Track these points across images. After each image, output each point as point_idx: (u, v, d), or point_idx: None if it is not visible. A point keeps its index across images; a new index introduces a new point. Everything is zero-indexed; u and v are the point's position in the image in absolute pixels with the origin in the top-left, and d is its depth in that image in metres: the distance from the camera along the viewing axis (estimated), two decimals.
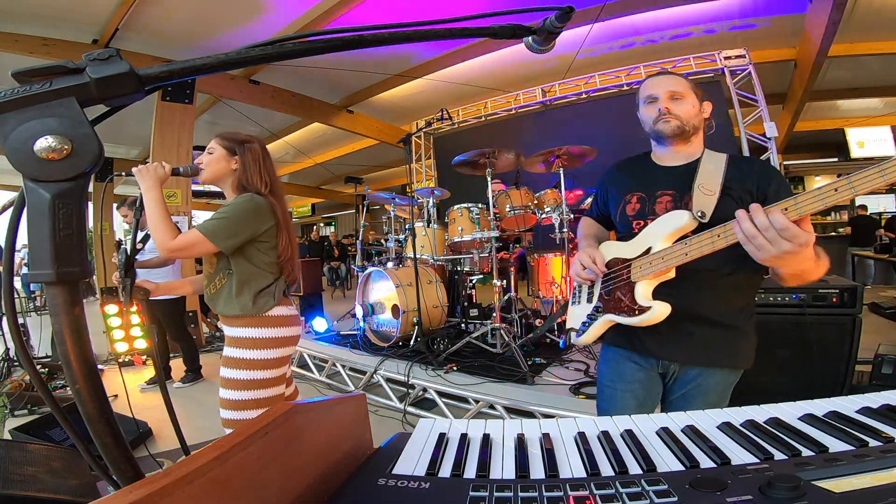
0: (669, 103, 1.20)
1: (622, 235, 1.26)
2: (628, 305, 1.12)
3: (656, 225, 1.14)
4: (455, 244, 3.78)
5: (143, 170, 1.42)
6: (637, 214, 1.23)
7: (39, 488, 1.40)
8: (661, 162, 1.27)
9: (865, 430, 0.46)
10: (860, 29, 4.94)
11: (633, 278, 1.12)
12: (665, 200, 1.19)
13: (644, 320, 1.08)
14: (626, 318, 1.12)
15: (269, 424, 0.39)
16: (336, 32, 0.46)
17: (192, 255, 1.49)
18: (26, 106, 0.35)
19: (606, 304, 1.19)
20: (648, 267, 1.10)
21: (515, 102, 6.92)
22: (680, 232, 1.09)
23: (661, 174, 1.24)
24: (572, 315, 1.31)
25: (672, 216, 1.12)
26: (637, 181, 1.27)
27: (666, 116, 1.19)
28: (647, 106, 1.24)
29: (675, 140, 1.21)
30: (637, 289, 1.12)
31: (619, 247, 1.22)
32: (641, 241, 1.15)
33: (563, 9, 0.53)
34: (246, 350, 1.44)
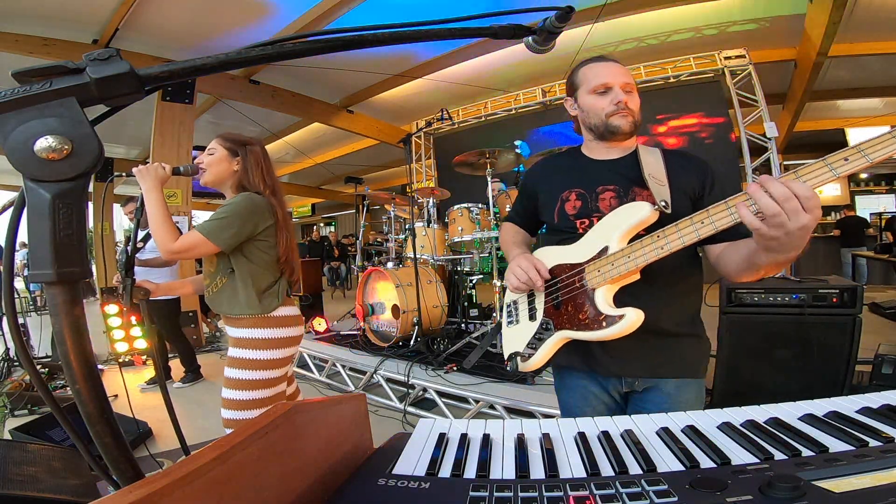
0: (626, 96, 1.09)
1: (563, 238, 1.11)
2: (590, 317, 0.95)
3: (608, 221, 1.02)
4: (455, 244, 3.79)
5: (143, 170, 1.42)
6: (579, 213, 1.10)
7: (39, 488, 1.39)
8: (595, 156, 1.16)
9: (865, 430, 0.46)
10: (860, 29, 4.94)
11: (592, 284, 0.97)
12: (608, 196, 1.08)
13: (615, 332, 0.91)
14: (591, 333, 0.94)
15: (269, 424, 0.39)
16: (336, 32, 0.46)
17: (194, 256, 1.50)
18: (26, 106, 0.35)
19: (558, 320, 1.01)
20: (610, 269, 0.95)
21: (515, 102, 6.93)
22: (640, 226, 0.97)
23: (598, 169, 1.13)
24: (510, 338, 1.13)
25: (631, 208, 1.00)
26: (572, 178, 1.15)
27: (625, 111, 1.08)
28: (597, 96, 1.11)
29: (623, 137, 1.11)
30: (597, 296, 0.96)
31: (561, 251, 1.07)
32: (592, 241, 1.02)
33: (563, 9, 0.53)
34: (251, 350, 1.45)
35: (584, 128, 1.18)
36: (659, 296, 1.02)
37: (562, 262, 1.06)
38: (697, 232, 0.85)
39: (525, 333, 1.08)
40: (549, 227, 1.20)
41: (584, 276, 0.99)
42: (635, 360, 1.05)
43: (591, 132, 1.15)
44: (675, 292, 1.06)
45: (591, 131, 1.15)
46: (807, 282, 2.22)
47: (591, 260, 0.99)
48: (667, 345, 1.05)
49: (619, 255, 0.94)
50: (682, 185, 1.05)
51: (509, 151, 3.56)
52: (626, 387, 1.09)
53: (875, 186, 9.76)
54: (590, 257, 1.00)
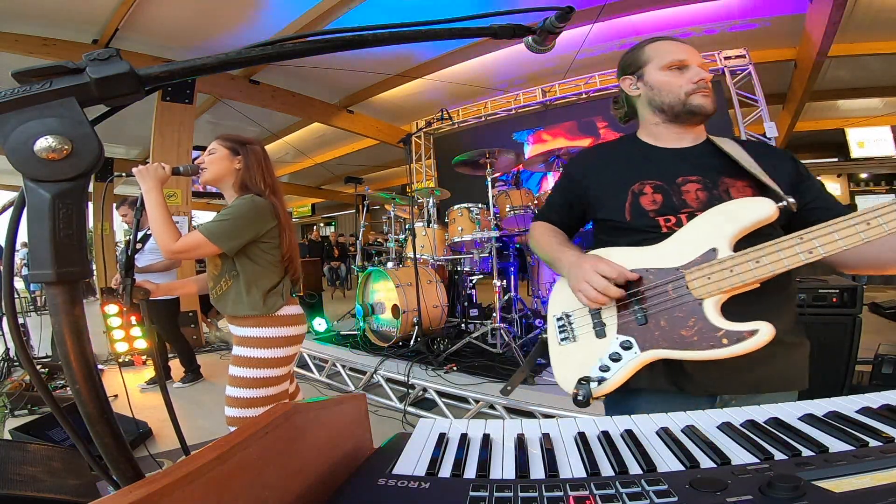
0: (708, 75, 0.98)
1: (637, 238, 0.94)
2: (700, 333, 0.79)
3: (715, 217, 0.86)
4: (455, 244, 3.79)
5: (143, 171, 1.42)
6: (662, 208, 0.93)
7: (39, 488, 1.40)
8: (663, 144, 1.02)
9: (865, 430, 0.46)
10: (860, 29, 4.94)
11: (699, 294, 0.81)
12: (692, 189, 0.93)
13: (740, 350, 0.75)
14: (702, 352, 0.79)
15: (269, 424, 0.39)
16: (336, 32, 0.46)
17: (195, 256, 1.51)
18: (26, 106, 0.35)
19: (643, 337, 0.85)
20: (728, 276, 0.79)
21: (515, 102, 6.93)
22: (755, 226, 0.83)
23: (670, 157, 0.99)
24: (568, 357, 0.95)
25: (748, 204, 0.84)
26: (641, 168, 0.99)
27: (706, 90, 0.96)
28: (672, 72, 0.99)
29: (701, 120, 0.99)
30: (707, 309, 0.80)
31: (637, 253, 0.91)
32: (690, 242, 0.86)
33: (563, 9, 0.53)
34: (256, 349, 1.46)
35: (650, 109, 1.04)
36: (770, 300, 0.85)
37: (642, 267, 0.88)
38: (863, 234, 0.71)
39: (591, 353, 0.91)
40: (612, 227, 1.00)
41: (683, 284, 0.83)
42: (739, 374, 0.86)
43: (663, 113, 1.01)
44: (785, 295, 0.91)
45: (663, 112, 1.01)
46: (807, 282, 2.22)
47: (693, 264, 0.83)
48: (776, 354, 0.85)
49: (739, 259, 0.79)
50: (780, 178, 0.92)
51: (509, 151, 3.56)
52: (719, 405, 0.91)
53: (875, 186, 9.76)
54: (688, 261, 0.84)
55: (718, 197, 0.92)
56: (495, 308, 3.27)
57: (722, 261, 0.81)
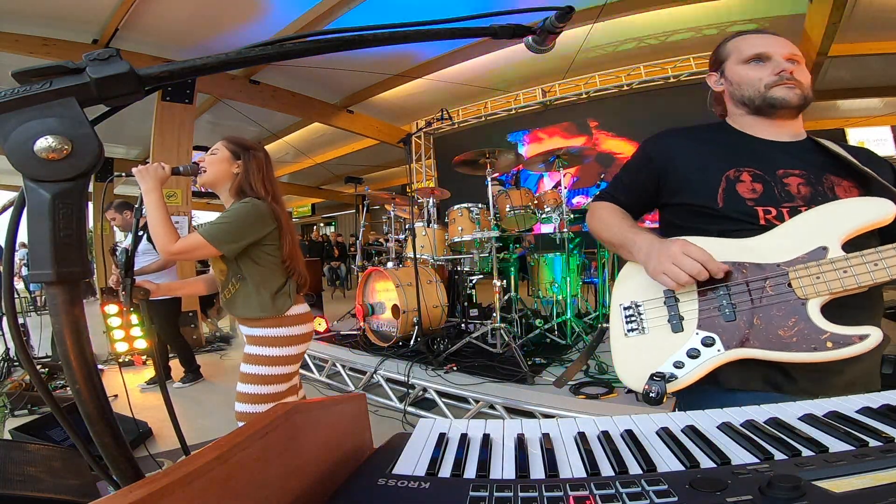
0: (792, 67, 0.93)
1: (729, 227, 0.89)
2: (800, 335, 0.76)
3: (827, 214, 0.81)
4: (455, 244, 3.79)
5: (143, 171, 1.42)
6: (762, 198, 0.88)
7: (39, 488, 1.39)
8: (760, 134, 0.97)
9: (865, 430, 0.46)
10: (860, 29, 4.94)
11: (803, 293, 0.77)
12: (794, 182, 0.88)
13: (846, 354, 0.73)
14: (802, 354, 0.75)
15: (269, 424, 0.39)
16: (336, 32, 0.46)
17: (194, 258, 1.52)
18: (26, 106, 0.35)
19: (731, 334, 0.81)
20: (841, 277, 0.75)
21: (515, 102, 6.94)
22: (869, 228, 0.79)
23: (770, 148, 0.94)
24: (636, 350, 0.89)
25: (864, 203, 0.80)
26: (738, 154, 0.94)
27: (791, 81, 0.92)
28: (751, 66, 0.96)
29: (788, 113, 0.95)
30: (811, 309, 0.76)
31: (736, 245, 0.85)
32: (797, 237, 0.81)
33: (563, 9, 0.53)
34: (268, 348, 1.50)
35: (733, 103, 1.01)
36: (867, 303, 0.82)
37: (736, 260, 0.84)
38: None
39: (664, 347, 0.85)
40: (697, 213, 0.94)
41: (786, 282, 0.79)
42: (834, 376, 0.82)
43: (745, 106, 0.98)
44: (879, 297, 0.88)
45: (745, 105, 0.98)
46: None
47: (799, 261, 0.79)
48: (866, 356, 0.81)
49: (855, 260, 0.75)
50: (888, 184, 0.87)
51: (509, 151, 3.56)
52: None
53: None
54: (794, 257, 0.80)
55: (823, 193, 0.87)
56: (495, 308, 3.27)
57: (834, 261, 0.76)
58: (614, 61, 6.08)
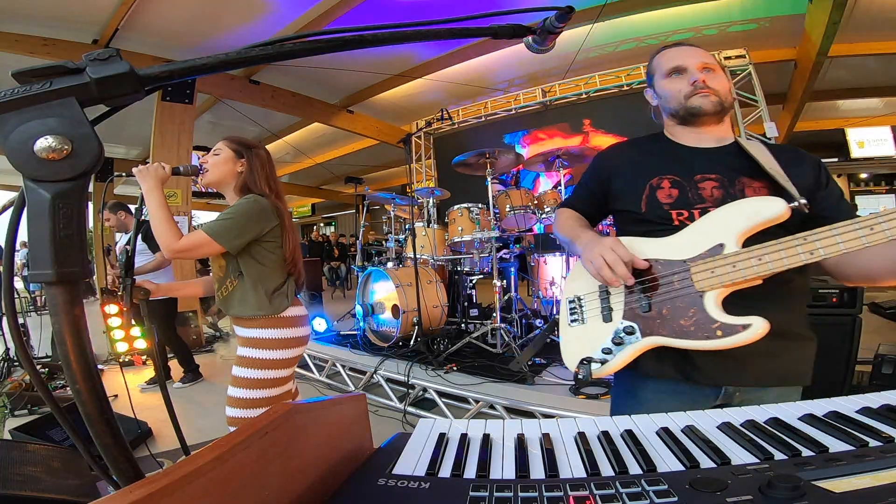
0: (704, 75, 1.01)
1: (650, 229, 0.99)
2: (697, 324, 0.84)
3: (727, 214, 0.89)
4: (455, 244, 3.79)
5: (143, 171, 1.42)
6: (677, 202, 0.97)
7: (39, 488, 1.40)
8: (686, 142, 1.06)
9: (865, 430, 0.46)
10: (860, 29, 4.94)
11: (701, 286, 0.84)
12: (709, 186, 0.96)
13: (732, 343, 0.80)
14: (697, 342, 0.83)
15: (268, 424, 0.39)
16: (336, 32, 0.46)
17: (198, 255, 1.51)
18: (26, 106, 0.35)
19: (646, 324, 0.89)
20: (730, 272, 0.82)
21: (515, 102, 6.93)
22: (765, 225, 0.85)
23: (693, 155, 1.02)
24: (574, 340, 1.00)
25: (760, 202, 0.87)
26: (662, 163, 1.03)
27: (704, 90, 1.00)
28: (671, 79, 1.04)
29: (709, 119, 1.02)
30: (707, 301, 0.84)
31: (652, 244, 0.94)
32: (700, 236, 0.89)
33: (563, 9, 0.53)
34: (261, 350, 1.47)
35: (665, 115, 1.11)
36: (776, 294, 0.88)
37: (651, 257, 0.92)
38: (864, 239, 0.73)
39: (596, 336, 0.95)
40: (629, 218, 1.05)
41: (688, 277, 0.87)
42: (746, 366, 0.89)
43: (674, 118, 1.08)
44: (794, 289, 0.93)
45: (674, 117, 1.07)
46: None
47: (700, 258, 0.87)
48: (781, 350, 0.90)
49: (743, 255, 0.82)
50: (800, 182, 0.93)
51: (509, 151, 3.56)
52: (722, 398, 0.93)
53: (875, 187, 9.76)
54: (696, 254, 0.88)
55: (734, 195, 0.94)
56: (495, 308, 3.27)
57: (726, 256, 0.84)
58: (614, 61, 6.07)
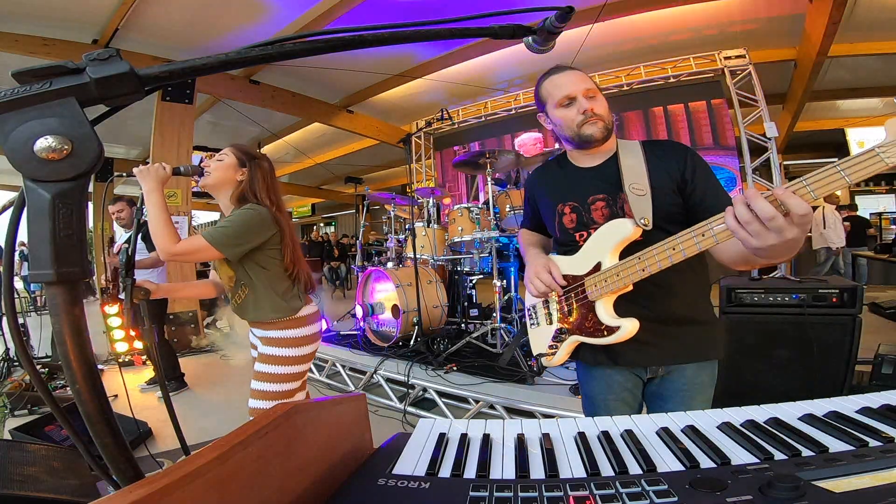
0: (591, 103, 1.10)
1: (566, 249, 1.17)
2: (594, 325, 1.05)
3: (598, 237, 1.07)
4: (455, 244, 3.78)
5: (144, 171, 1.42)
6: (577, 226, 1.15)
7: (39, 488, 1.39)
8: (581, 164, 1.20)
9: (865, 430, 0.46)
10: (860, 29, 4.94)
11: (592, 297, 1.05)
12: (599, 206, 1.12)
13: (614, 340, 1.02)
14: (595, 339, 1.06)
15: (268, 424, 0.39)
16: (336, 32, 0.46)
17: (194, 259, 1.53)
18: (26, 106, 0.35)
19: (569, 325, 1.12)
20: (604, 285, 1.02)
21: (515, 102, 6.93)
22: (625, 242, 1.03)
23: (585, 178, 1.17)
24: (535, 338, 1.24)
25: (613, 226, 1.05)
26: (565, 190, 1.19)
27: (593, 118, 1.10)
28: (563, 109, 1.12)
29: (598, 143, 1.13)
30: (598, 308, 1.05)
31: (567, 262, 1.13)
32: (588, 256, 1.08)
33: (563, 9, 0.53)
34: (283, 348, 1.53)
35: (561, 139, 1.21)
36: (666, 289, 1.07)
37: (568, 273, 1.12)
38: (671, 258, 0.90)
39: (546, 335, 1.18)
40: (553, 238, 1.25)
41: (584, 289, 1.07)
42: (654, 349, 1.10)
43: (570, 143, 1.18)
44: (681, 282, 1.09)
45: (570, 142, 1.18)
46: (807, 282, 2.21)
47: (589, 274, 1.07)
48: (682, 332, 1.10)
49: (610, 272, 1.02)
50: (664, 185, 1.08)
51: (509, 151, 3.56)
52: (650, 373, 1.14)
53: (875, 186, 9.77)
54: (586, 271, 1.08)
55: (617, 213, 1.09)
56: (495, 308, 3.27)
57: (602, 272, 1.04)
58: (614, 61, 6.08)
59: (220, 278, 1.63)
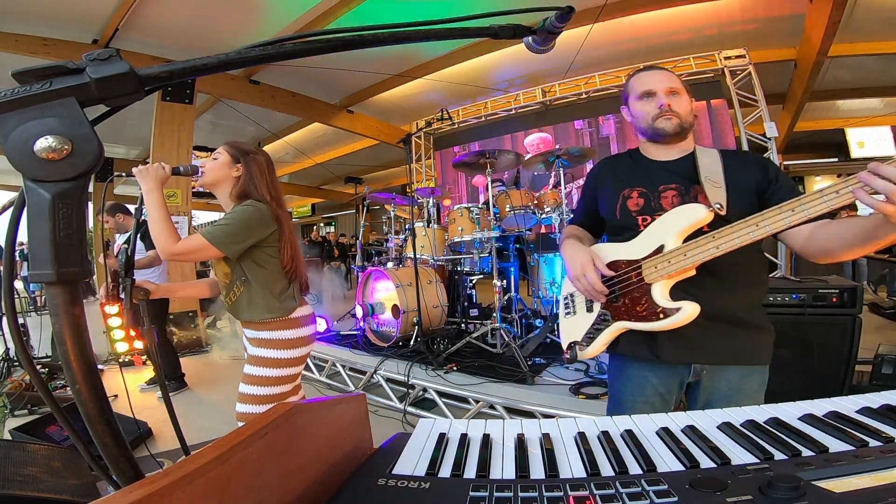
0: (670, 99, 1.15)
1: (624, 234, 1.17)
2: (648, 310, 1.03)
3: (665, 220, 1.07)
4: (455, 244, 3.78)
5: (143, 171, 1.42)
6: (642, 210, 1.16)
7: (39, 488, 1.39)
8: (654, 157, 1.23)
9: (865, 430, 0.46)
10: (860, 29, 4.94)
11: (648, 279, 1.04)
12: (670, 195, 1.14)
13: (671, 323, 0.99)
14: (648, 324, 1.03)
15: (269, 424, 0.39)
16: (336, 32, 0.46)
17: (195, 259, 1.52)
18: (26, 106, 0.35)
19: (615, 312, 1.10)
20: (667, 266, 1.01)
21: (515, 102, 6.92)
22: (695, 226, 1.03)
23: (658, 169, 1.19)
24: (568, 328, 1.23)
25: (686, 210, 1.05)
26: (634, 176, 1.21)
27: (668, 113, 1.15)
28: (642, 101, 1.19)
29: (672, 138, 1.18)
30: (654, 291, 1.03)
31: (618, 248, 1.15)
32: (649, 239, 1.08)
33: (563, 9, 0.53)
34: (273, 350, 1.50)
35: (637, 132, 1.26)
36: (725, 286, 1.07)
37: (619, 259, 1.12)
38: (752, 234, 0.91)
39: (583, 324, 1.17)
40: (610, 225, 1.25)
41: (641, 272, 1.06)
42: (703, 346, 1.08)
43: (644, 135, 1.24)
44: (741, 282, 1.09)
45: (644, 134, 1.23)
46: (807, 282, 2.21)
47: (648, 257, 1.06)
48: (735, 332, 1.08)
49: (675, 252, 1.01)
50: (741, 184, 1.09)
51: (509, 151, 3.56)
52: (693, 375, 1.12)
53: None
54: (646, 254, 1.07)
55: (690, 202, 1.10)
56: (495, 308, 3.27)
57: (664, 254, 1.04)
58: (614, 61, 6.07)
59: (216, 276, 1.62)
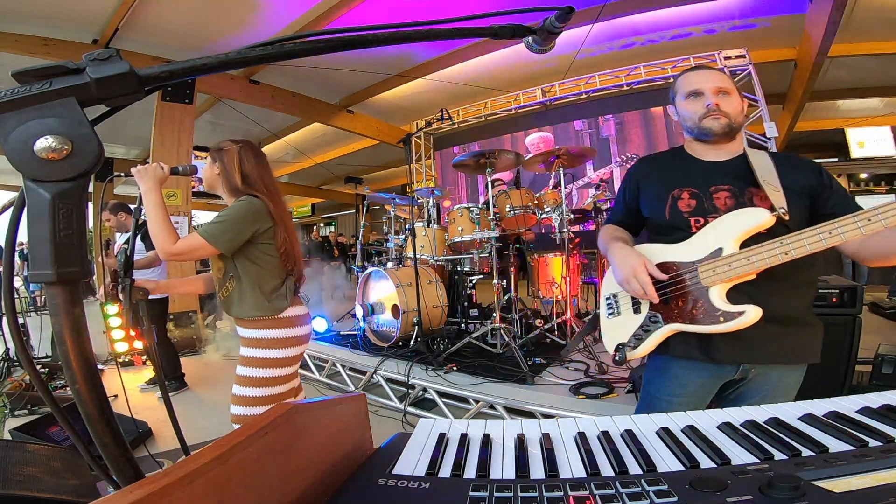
0: (718, 99, 1.13)
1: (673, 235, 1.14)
2: (705, 312, 1.01)
3: (723, 223, 1.04)
4: (455, 244, 3.78)
5: (142, 171, 1.42)
6: (694, 211, 1.12)
7: (39, 488, 1.39)
8: (702, 156, 1.19)
9: (865, 430, 0.46)
10: (860, 29, 4.94)
11: (707, 283, 1.02)
12: (723, 196, 1.10)
13: (732, 327, 0.98)
14: (706, 326, 1.01)
15: (269, 424, 0.39)
16: (336, 32, 0.46)
17: (194, 258, 1.52)
18: (26, 106, 0.35)
19: (667, 313, 1.08)
20: (727, 270, 0.99)
21: (515, 102, 6.92)
22: (756, 230, 1.00)
23: (708, 169, 1.16)
24: (613, 328, 1.19)
25: (747, 213, 1.03)
26: (682, 176, 1.17)
27: (716, 113, 1.12)
28: (689, 101, 1.16)
29: (720, 138, 1.15)
30: (711, 294, 1.01)
31: (668, 249, 1.11)
32: (705, 242, 1.05)
33: (563, 9, 0.53)
34: (263, 350, 1.49)
35: (683, 131, 1.24)
36: (781, 286, 1.04)
37: (670, 260, 1.10)
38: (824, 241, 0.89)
39: (629, 325, 1.14)
40: (656, 224, 1.21)
41: (697, 275, 1.04)
42: (759, 347, 1.06)
43: (690, 134, 1.21)
44: (796, 283, 1.07)
45: (690, 133, 1.21)
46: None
47: (705, 260, 1.04)
48: (788, 332, 1.07)
49: (737, 257, 0.99)
50: (796, 188, 1.07)
51: (509, 151, 3.56)
52: (740, 374, 1.11)
53: (875, 186, 9.74)
54: (702, 257, 1.04)
55: (744, 204, 1.07)
56: (495, 308, 3.27)
57: (724, 258, 1.00)
58: (614, 61, 6.08)
59: (212, 271, 1.61)
